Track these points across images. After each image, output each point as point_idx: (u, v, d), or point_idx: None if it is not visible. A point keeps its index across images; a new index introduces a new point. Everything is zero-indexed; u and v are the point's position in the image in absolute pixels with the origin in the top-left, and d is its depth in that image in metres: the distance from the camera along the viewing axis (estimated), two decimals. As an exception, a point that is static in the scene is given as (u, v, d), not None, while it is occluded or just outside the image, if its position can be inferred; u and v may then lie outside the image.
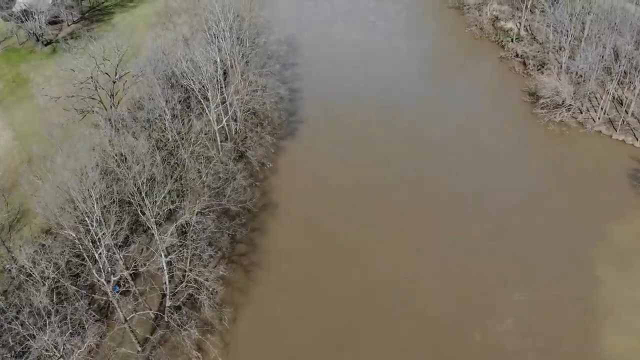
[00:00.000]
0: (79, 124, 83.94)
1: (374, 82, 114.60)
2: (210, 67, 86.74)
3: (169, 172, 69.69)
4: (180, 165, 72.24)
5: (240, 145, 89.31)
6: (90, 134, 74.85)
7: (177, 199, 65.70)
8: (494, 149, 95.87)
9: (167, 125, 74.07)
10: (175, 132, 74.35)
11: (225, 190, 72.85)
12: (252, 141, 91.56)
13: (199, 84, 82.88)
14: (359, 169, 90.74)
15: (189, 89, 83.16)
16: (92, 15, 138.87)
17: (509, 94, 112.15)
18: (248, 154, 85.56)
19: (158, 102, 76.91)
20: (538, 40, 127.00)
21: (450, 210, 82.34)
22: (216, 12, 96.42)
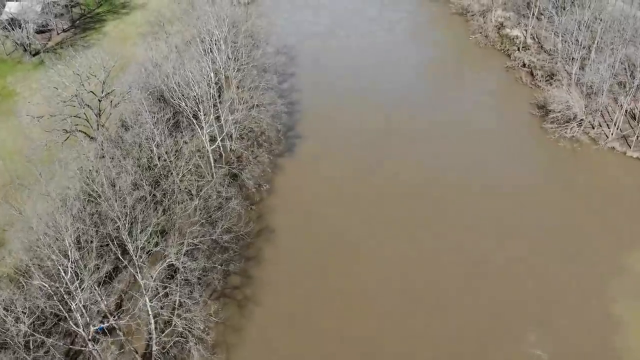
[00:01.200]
0: (64, 145, 78.32)
1: (375, 93, 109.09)
2: (204, 83, 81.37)
3: (158, 201, 64.06)
4: (170, 193, 66.56)
5: (236, 165, 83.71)
6: (72, 159, 69.19)
7: (161, 238, 59.92)
8: (502, 167, 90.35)
9: (154, 151, 68.36)
10: (163, 159, 68.69)
11: (217, 220, 67.20)
12: (248, 160, 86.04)
13: (192, 101, 77.31)
14: (360, 189, 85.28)
15: (180, 107, 77.37)
16: (83, 23, 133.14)
17: (517, 106, 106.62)
18: (243, 176, 79.90)
19: (146, 125, 71.26)
20: (545, 49, 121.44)
21: (457, 232, 76.89)
22: (211, 22, 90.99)
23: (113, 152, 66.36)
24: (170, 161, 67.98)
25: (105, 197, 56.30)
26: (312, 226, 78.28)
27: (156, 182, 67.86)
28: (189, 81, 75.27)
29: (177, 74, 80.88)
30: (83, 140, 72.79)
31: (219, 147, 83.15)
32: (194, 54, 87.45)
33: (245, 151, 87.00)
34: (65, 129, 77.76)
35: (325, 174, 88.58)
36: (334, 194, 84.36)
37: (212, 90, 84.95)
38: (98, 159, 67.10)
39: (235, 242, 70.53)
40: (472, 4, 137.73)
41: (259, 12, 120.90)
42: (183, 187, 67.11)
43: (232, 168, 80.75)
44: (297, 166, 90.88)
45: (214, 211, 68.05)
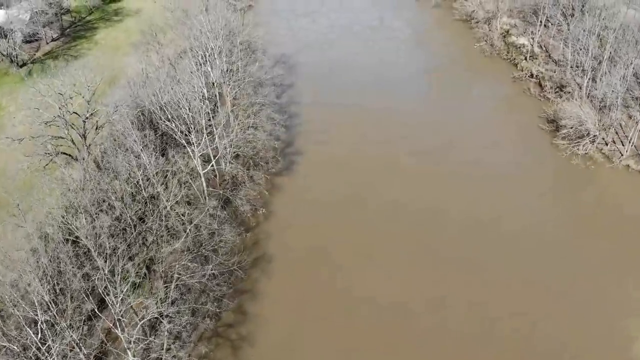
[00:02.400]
0: (47, 168, 72.82)
1: (376, 107, 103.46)
2: (196, 101, 75.90)
3: (143, 237, 58.51)
4: (157, 227, 60.78)
5: (230, 187, 78.22)
6: (53, 188, 63.66)
7: (146, 277, 54.49)
8: (511, 189, 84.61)
9: (141, 183, 62.69)
10: (149, 192, 63.06)
11: (209, 255, 61.71)
12: (243, 181, 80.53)
13: (183, 122, 71.82)
14: (361, 211, 79.76)
15: (170, 129, 71.78)
16: (73, 32, 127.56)
17: (526, 120, 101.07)
18: (237, 203, 74.34)
19: (133, 147, 65.71)
20: (554, 59, 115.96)
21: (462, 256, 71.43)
22: (205, 33, 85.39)
23: (97, 181, 60.73)
24: (158, 192, 62.38)
25: (85, 240, 50.78)
26: (312, 255, 72.75)
27: (142, 215, 62.19)
28: (180, 101, 69.50)
29: (168, 91, 75.19)
30: (65, 167, 67.01)
31: (213, 168, 77.64)
32: (187, 68, 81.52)
33: (241, 171, 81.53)
34: (48, 152, 72.15)
35: (324, 194, 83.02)
36: (334, 217, 78.83)
37: (206, 107, 79.59)
38: (80, 191, 61.48)
39: (229, 276, 65.03)
40: (476, 11, 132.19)
41: (255, 20, 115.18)
42: (171, 222, 61.44)
43: (225, 192, 75.14)
44: (296, 186, 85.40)
45: (205, 243, 62.45)
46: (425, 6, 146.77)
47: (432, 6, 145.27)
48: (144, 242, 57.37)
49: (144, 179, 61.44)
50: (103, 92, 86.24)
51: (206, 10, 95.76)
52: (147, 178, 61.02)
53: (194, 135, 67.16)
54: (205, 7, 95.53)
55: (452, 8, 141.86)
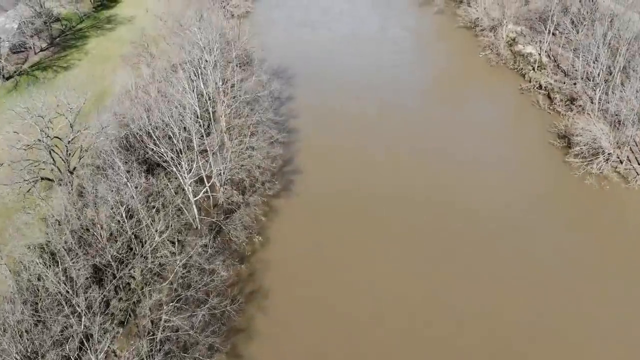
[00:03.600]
0: (27, 197, 67.35)
1: (378, 121, 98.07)
2: (188, 119, 70.47)
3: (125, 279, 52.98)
4: (140, 271, 55.16)
5: (223, 214, 72.75)
6: (27, 226, 58.14)
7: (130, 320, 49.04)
8: (522, 212, 79.13)
9: (125, 220, 57.06)
10: (133, 231, 57.42)
11: (199, 300, 56.23)
12: (238, 206, 75.04)
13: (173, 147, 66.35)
14: (363, 238, 74.36)
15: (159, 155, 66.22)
16: (63, 41, 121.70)
17: (535, 135, 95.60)
18: (231, 234, 68.80)
19: (117, 178, 60.14)
20: (563, 69, 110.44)
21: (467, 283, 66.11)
22: (199, 44, 79.89)
23: (77, 216, 55.16)
24: (143, 227, 56.78)
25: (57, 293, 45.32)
26: (311, 289, 67.31)
27: (124, 257, 56.50)
28: (170, 124, 63.97)
29: (157, 112, 69.65)
30: (45, 197, 61.46)
31: (207, 194, 72.16)
32: (179, 85, 75.87)
33: (236, 195, 76.08)
34: (27, 180, 66.60)
35: (324, 218, 77.63)
36: (335, 245, 73.39)
37: (199, 125, 74.20)
38: (58, 225, 55.92)
39: (221, 317, 59.59)
40: (481, 18, 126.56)
41: (252, 30, 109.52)
42: (157, 264, 55.93)
43: (219, 219, 69.69)
44: (294, 209, 79.93)
45: (195, 284, 56.94)
46: (427, 12, 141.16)
47: (434, 12, 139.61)
48: (127, 286, 51.98)
49: (127, 215, 55.90)
50: (90, 110, 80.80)
51: (200, 21, 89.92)
52: (130, 215, 55.44)
53: (185, 163, 61.54)
54: (199, 17, 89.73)
55: (455, 14, 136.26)
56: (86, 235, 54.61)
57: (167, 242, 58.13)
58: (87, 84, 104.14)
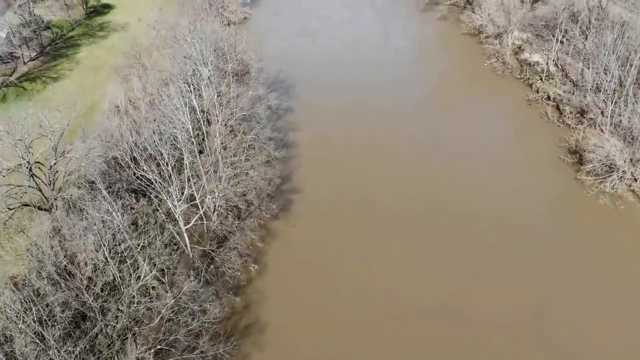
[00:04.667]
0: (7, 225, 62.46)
1: (380, 135, 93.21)
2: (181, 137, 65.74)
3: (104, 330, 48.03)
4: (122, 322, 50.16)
5: (217, 240, 67.97)
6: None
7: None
8: (533, 234, 74.37)
9: (108, 267, 52.06)
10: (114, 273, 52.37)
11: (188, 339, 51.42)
12: (232, 230, 70.25)
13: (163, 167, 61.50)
14: (365, 257, 69.74)
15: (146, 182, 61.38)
16: (54, 49, 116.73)
17: (544, 150, 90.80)
18: (225, 265, 63.94)
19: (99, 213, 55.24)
20: (572, 79, 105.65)
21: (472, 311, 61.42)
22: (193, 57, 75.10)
23: (55, 255, 50.32)
24: (127, 267, 51.90)
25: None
26: (311, 321, 62.54)
27: (104, 304, 51.44)
28: (159, 147, 59.14)
29: (148, 132, 64.82)
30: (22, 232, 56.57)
31: (199, 220, 67.37)
32: (171, 102, 70.96)
33: (230, 217, 71.34)
34: (9, 206, 61.79)
35: (325, 242, 72.82)
36: (337, 271, 68.61)
37: (192, 144, 69.49)
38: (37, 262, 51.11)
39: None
40: (486, 25, 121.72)
41: (249, 39, 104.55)
42: (141, 311, 51.00)
43: (212, 247, 64.91)
44: (293, 232, 75.05)
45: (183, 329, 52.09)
46: (430, 18, 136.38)
47: (437, 18, 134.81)
48: (109, 334, 47.19)
49: (110, 252, 51.09)
50: (78, 125, 76.09)
51: (194, 31, 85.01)
52: (105, 260, 50.49)
53: (175, 190, 56.72)
54: (193, 28, 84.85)
55: (459, 21, 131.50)
56: (64, 274, 49.84)
57: (154, 280, 53.34)
58: (76, 95, 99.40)
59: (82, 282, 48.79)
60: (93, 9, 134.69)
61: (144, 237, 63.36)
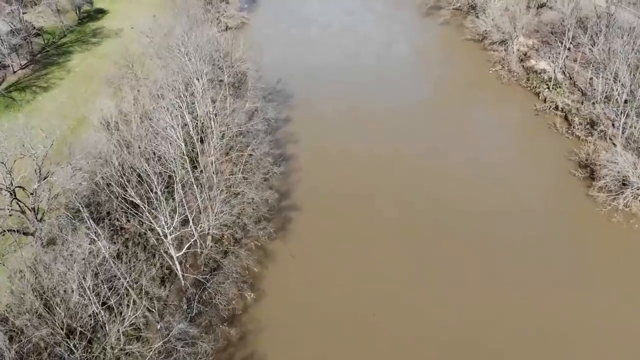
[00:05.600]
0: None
1: (381, 146, 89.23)
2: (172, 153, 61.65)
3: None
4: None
5: (211, 265, 63.85)
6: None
7: None
8: (542, 254, 70.26)
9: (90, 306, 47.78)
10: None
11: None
12: (227, 254, 66.16)
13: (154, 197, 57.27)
14: (368, 281, 65.78)
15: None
16: (45, 57, 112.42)
17: (554, 164, 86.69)
18: (218, 298, 59.74)
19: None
20: (580, 88, 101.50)
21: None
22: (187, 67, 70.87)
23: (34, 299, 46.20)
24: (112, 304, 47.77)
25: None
26: (311, 353, 58.49)
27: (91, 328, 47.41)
28: (149, 172, 54.99)
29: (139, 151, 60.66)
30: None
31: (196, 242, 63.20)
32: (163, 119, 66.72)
33: (226, 239, 67.32)
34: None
35: (326, 264, 68.86)
36: (338, 296, 64.59)
37: (186, 164, 65.33)
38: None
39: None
40: (490, 31, 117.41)
41: (247, 46, 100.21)
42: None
43: (205, 275, 60.78)
44: (292, 253, 70.94)
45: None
46: (432, 23, 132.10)
47: (439, 24, 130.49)
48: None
49: (94, 289, 46.98)
50: (66, 137, 72.20)
51: (188, 42, 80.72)
52: (89, 298, 46.39)
53: (165, 222, 52.61)
54: (187, 38, 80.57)
55: (462, 26, 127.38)
56: (44, 312, 45.81)
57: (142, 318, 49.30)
58: (66, 106, 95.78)
59: (61, 325, 44.67)
60: (86, 14, 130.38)
61: (133, 260, 59.46)
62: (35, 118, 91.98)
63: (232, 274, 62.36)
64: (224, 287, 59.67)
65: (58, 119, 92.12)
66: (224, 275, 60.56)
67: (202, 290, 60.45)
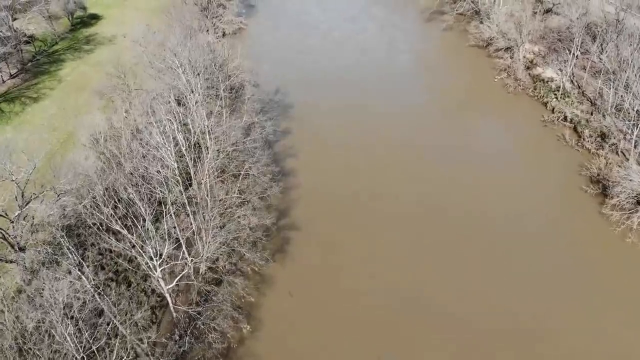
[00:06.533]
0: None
1: (383, 161, 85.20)
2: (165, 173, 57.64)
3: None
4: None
5: (203, 301, 59.73)
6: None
7: None
8: (552, 275, 66.27)
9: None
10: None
11: None
12: (220, 282, 62.15)
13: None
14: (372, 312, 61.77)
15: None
16: (36, 66, 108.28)
17: (563, 179, 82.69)
18: (211, 335, 55.60)
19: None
20: (589, 97, 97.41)
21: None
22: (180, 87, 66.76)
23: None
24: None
25: None
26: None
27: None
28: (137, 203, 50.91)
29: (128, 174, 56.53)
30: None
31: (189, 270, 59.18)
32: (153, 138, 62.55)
33: (221, 266, 63.24)
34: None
35: (328, 288, 64.85)
36: (341, 327, 60.53)
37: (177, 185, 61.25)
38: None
39: None
40: (495, 37, 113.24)
41: (244, 52, 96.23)
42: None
43: (196, 310, 56.69)
44: (291, 278, 66.88)
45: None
46: (435, 29, 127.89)
47: (442, 29, 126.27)
48: None
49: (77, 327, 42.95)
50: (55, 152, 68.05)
51: (181, 53, 76.63)
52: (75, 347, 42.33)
53: (154, 254, 48.58)
54: (180, 49, 76.48)
55: (466, 32, 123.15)
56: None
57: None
58: (57, 118, 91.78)
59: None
60: (80, 19, 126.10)
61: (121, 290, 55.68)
62: (24, 131, 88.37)
63: (227, 304, 58.09)
64: (218, 320, 55.42)
65: (48, 132, 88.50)
66: (218, 308, 56.31)
67: (195, 323, 56.36)
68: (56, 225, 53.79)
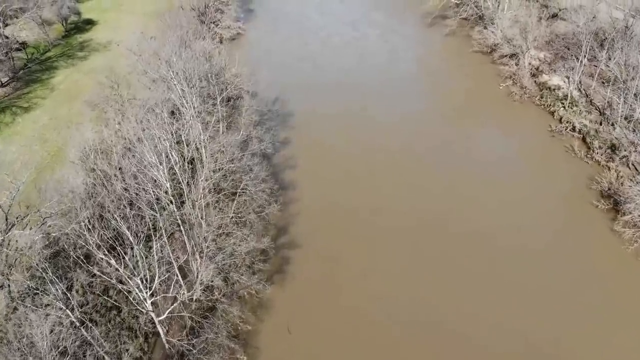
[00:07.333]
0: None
1: (385, 174, 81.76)
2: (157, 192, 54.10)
3: None
4: None
5: (197, 324, 56.34)
6: None
7: None
8: (561, 297, 62.83)
9: None
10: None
11: None
12: (214, 308, 58.70)
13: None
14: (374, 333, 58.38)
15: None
16: (27, 73, 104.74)
17: (573, 193, 79.02)
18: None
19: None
20: (597, 106, 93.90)
21: None
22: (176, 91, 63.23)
23: None
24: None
25: None
26: None
27: None
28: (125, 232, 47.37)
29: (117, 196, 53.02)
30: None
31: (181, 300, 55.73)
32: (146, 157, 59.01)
33: (216, 292, 59.82)
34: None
35: (327, 315, 61.40)
36: (344, 353, 57.18)
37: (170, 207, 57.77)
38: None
39: None
40: (500, 43, 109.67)
41: (242, 59, 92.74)
42: None
43: (189, 342, 53.19)
44: (289, 304, 63.42)
45: None
46: (438, 34, 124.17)
47: (445, 34, 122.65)
48: None
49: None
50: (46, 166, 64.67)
51: (176, 64, 73.12)
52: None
53: (143, 286, 45.11)
54: (175, 59, 72.98)
55: (469, 37, 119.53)
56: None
57: None
58: (48, 129, 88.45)
59: None
60: (74, 25, 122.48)
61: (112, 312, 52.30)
62: (14, 143, 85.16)
63: (222, 333, 54.63)
64: (213, 353, 51.95)
65: (38, 144, 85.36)
66: (213, 340, 52.81)
67: (189, 355, 52.90)
68: (40, 254, 50.27)
